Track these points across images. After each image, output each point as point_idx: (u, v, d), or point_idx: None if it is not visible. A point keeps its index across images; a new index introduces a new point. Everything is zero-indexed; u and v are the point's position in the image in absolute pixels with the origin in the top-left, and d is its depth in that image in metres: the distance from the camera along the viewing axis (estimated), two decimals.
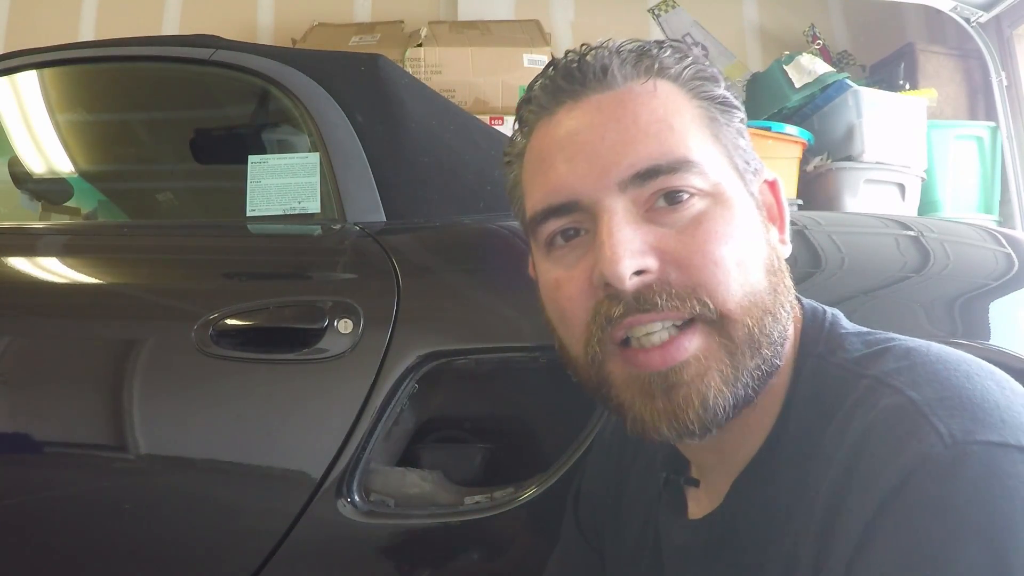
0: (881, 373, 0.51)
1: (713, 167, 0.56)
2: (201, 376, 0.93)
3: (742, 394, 0.53)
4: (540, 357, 0.92)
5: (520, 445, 0.99)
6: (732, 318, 0.53)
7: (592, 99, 0.58)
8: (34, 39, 1.51)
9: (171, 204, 1.43)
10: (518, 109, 0.65)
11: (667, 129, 0.56)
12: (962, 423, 0.45)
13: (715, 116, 0.59)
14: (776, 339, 0.55)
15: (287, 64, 1.25)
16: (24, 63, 1.36)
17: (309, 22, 3.00)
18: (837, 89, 2.59)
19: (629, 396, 0.55)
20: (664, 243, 0.54)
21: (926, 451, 0.44)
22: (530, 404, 1.01)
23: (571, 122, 0.58)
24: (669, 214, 0.55)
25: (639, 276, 0.53)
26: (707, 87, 0.60)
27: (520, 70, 2.56)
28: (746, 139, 0.61)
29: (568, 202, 0.57)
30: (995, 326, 0.95)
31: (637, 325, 0.53)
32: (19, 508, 0.93)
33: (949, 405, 0.46)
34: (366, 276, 1.01)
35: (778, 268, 0.57)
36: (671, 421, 0.53)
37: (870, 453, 0.47)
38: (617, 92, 0.58)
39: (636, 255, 0.53)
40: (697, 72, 0.60)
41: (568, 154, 0.57)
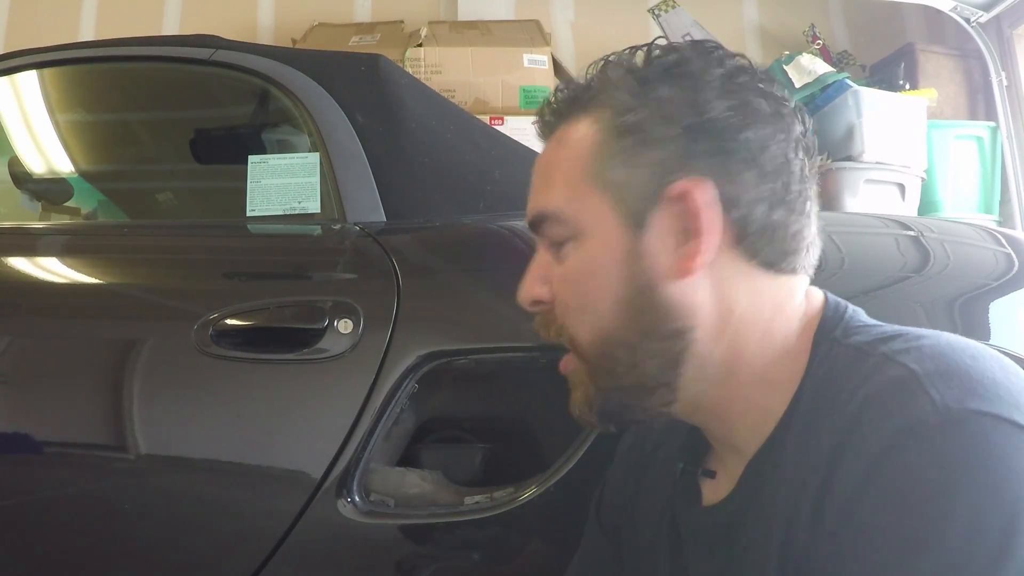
0: (890, 351, 0.53)
1: (577, 210, 0.60)
2: (201, 376, 0.93)
3: (611, 408, 0.62)
4: (540, 357, 0.92)
5: (520, 445, 0.99)
6: (584, 350, 0.61)
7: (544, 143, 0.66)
8: (34, 39, 1.51)
9: (171, 204, 1.43)
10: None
11: (549, 181, 0.63)
12: (957, 393, 0.47)
13: (605, 150, 0.59)
14: (637, 363, 0.59)
15: (287, 64, 1.25)
16: (24, 63, 1.36)
17: (309, 22, 3.00)
18: (837, 89, 2.59)
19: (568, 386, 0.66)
20: (555, 278, 0.62)
21: (918, 415, 0.47)
22: (530, 404, 1.01)
23: None
24: (558, 251, 0.62)
25: (536, 306, 0.64)
26: (619, 116, 0.59)
27: (520, 70, 2.56)
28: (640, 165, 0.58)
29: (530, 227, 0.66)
30: (995, 326, 0.95)
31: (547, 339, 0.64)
32: (19, 508, 0.93)
33: (947, 376, 0.49)
34: (366, 276, 1.01)
35: (642, 304, 0.58)
36: (575, 410, 0.64)
37: (868, 419, 0.49)
38: (547, 140, 0.65)
39: (532, 287, 0.64)
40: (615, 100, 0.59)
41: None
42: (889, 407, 0.48)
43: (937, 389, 0.48)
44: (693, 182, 0.57)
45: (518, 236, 1.03)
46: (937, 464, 0.45)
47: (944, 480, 0.45)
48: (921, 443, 0.46)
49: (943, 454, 0.45)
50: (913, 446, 0.46)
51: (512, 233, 1.05)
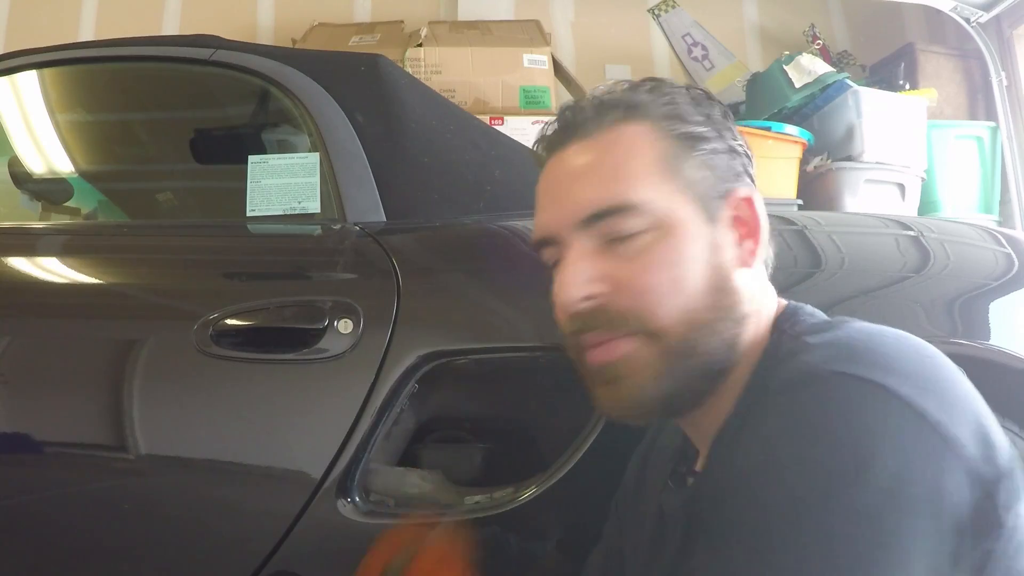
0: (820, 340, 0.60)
1: (661, 202, 0.64)
2: (201, 376, 0.93)
3: (678, 389, 0.63)
4: (540, 357, 0.92)
5: (520, 445, 0.99)
6: (665, 332, 0.62)
7: (571, 147, 0.68)
8: (34, 39, 1.51)
9: (171, 204, 1.43)
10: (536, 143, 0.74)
11: (613, 175, 0.65)
12: (840, 360, 0.55)
13: (677, 152, 0.66)
14: (715, 347, 0.64)
15: (287, 64, 1.25)
16: (24, 63, 1.36)
17: (309, 22, 3.00)
18: (837, 89, 2.59)
19: (590, 384, 0.67)
20: (616, 272, 0.64)
21: (799, 369, 0.56)
22: (530, 404, 1.01)
23: (556, 168, 0.69)
24: (619, 246, 0.64)
25: (588, 301, 0.64)
26: (675, 125, 0.67)
27: (520, 70, 2.56)
28: (713, 167, 0.67)
29: (545, 237, 0.69)
30: (995, 326, 0.95)
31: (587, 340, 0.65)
32: (19, 508, 0.93)
33: (842, 349, 0.56)
34: (366, 276, 1.01)
35: (721, 287, 0.65)
36: (615, 404, 0.65)
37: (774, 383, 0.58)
38: (590, 140, 0.67)
39: (583, 285, 0.64)
40: (669, 112, 0.68)
41: (548, 197, 0.69)
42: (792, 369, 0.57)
43: (824, 357, 0.55)
44: (751, 189, 0.69)
45: (518, 236, 1.03)
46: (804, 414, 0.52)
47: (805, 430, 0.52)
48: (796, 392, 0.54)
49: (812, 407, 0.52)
50: (790, 394, 0.55)
51: (512, 233, 1.05)
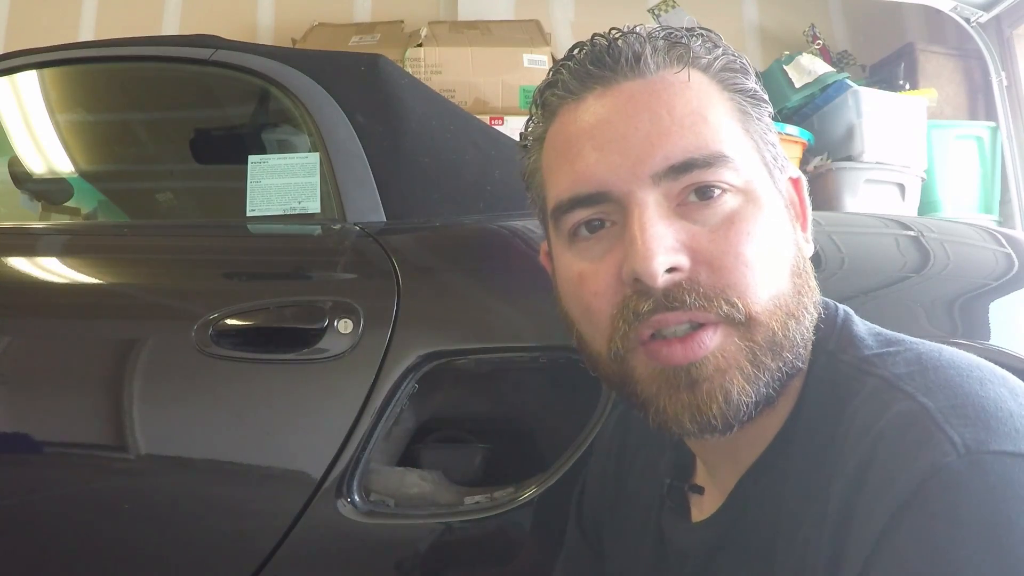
0: (892, 376, 0.50)
1: (745, 162, 0.55)
2: (201, 376, 0.93)
3: (764, 393, 0.53)
4: (540, 357, 0.92)
5: (520, 445, 0.99)
6: (758, 320, 0.52)
7: (624, 87, 0.56)
8: (34, 39, 1.51)
9: (171, 204, 1.43)
10: (539, 92, 0.62)
11: (702, 121, 0.54)
12: (975, 432, 0.44)
13: (746, 109, 0.58)
14: (798, 342, 0.54)
15: (287, 64, 1.25)
16: (24, 63, 1.36)
17: (309, 22, 3.00)
18: (837, 89, 2.59)
19: (654, 390, 0.54)
20: (696, 241, 0.53)
21: (939, 460, 0.43)
22: (530, 404, 1.01)
23: (601, 109, 0.56)
24: (700, 210, 0.53)
25: (670, 274, 0.52)
26: (738, 79, 0.58)
27: (520, 70, 2.56)
28: (774, 134, 0.60)
29: (597, 192, 0.55)
30: (995, 326, 0.95)
31: (664, 324, 0.52)
32: (19, 508, 0.93)
33: (962, 413, 0.45)
34: (366, 276, 1.01)
35: (803, 270, 0.56)
36: (694, 415, 0.52)
37: (882, 461, 0.46)
38: (650, 81, 0.56)
39: (669, 252, 0.52)
40: (727, 63, 0.58)
41: (598, 143, 0.55)
42: (904, 451, 0.45)
43: (954, 428, 0.44)
44: (798, 171, 0.60)
45: (518, 236, 1.03)
46: (965, 514, 0.42)
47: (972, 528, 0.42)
48: (945, 491, 0.43)
49: (969, 502, 0.42)
50: (939, 495, 0.43)
51: (512, 233, 1.05)
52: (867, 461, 0.47)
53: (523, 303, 0.95)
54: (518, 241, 1.03)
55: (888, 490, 0.45)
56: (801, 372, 0.56)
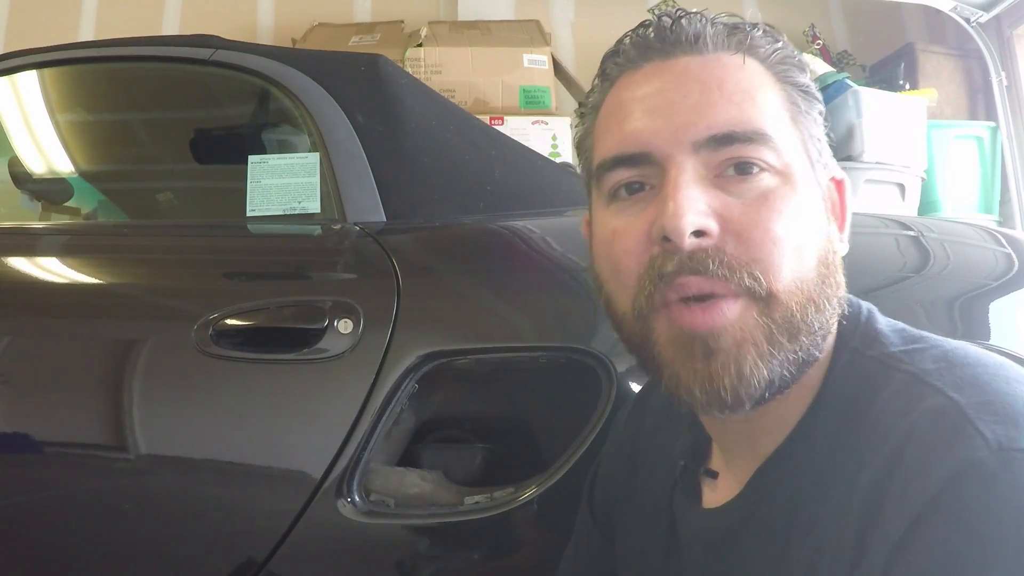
0: (920, 371, 0.51)
1: (787, 147, 0.56)
2: (201, 376, 0.93)
3: (777, 372, 0.53)
4: (540, 357, 0.92)
5: (520, 445, 0.99)
6: (777, 299, 0.53)
7: (681, 60, 0.58)
8: (34, 39, 1.51)
9: (171, 204, 1.43)
10: (603, 61, 0.64)
11: (749, 100, 0.56)
12: (1006, 429, 0.45)
13: (796, 102, 0.59)
14: (816, 330, 0.54)
15: (287, 64, 1.25)
16: (24, 63, 1.36)
17: (309, 22, 3.00)
18: (837, 89, 2.59)
19: (670, 354, 0.55)
20: (728, 211, 0.54)
21: (972, 455, 0.44)
22: (530, 404, 1.01)
23: (656, 79, 0.58)
24: (737, 184, 0.55)
25: (697, 237, 0.53)
26: (792, 73, 0.60)
27: (520, 70, 2.56)
28: (821, 132, 0.61)
29: (640, 153, 0.56)
30: (995, 326, 0.95)
31: (687, 287, 0.53)
32: (18, 508, 0.93)
33: (992, 409, 0.46)
34: (366, 276, 1.01)
35: (831, 262, 0.57)
36: (705, 385, 0.53)
37: (913, 454, 0.47)
38: (706, 58, 0.58)
39: (699, 214, 0.53)
40: (784, 57, 0.60)
41: (648, 107, 0.57)
42: (937, 444, 0.46)
43: (986, 424, 0.45)
44: (843, 173, 0.62)
45: (518, 236, 1.03)
46: (998, 509, 0.43)
47: (1004, 524, 0.43)
48: (978, 487, 0.44)
49: (1002, 497, 0.43)
50: (970, 490, 0.44)
51: (512, 233, 1.05)
52: (898, 454, 0.47)
53: (523, 303, 0.95)
54: (518, 241, 1.03)
55: (921, 482, 0.45)
56: (820, 364, 0.57)
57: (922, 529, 0.44)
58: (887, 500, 0.47)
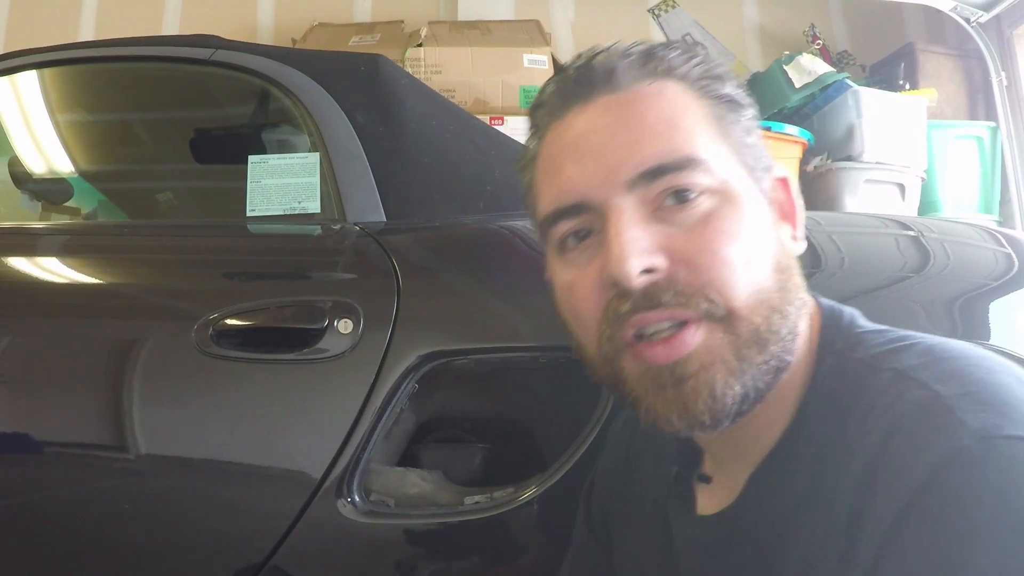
0: (903, 367, 0.52)
1: (720, 164, 0.57)
2: (201, 376, 0.93)
3: (751, 385, 0.54)
4: (540, 357, 0.92)
5: (520, 445, 0.99)
6: (739, 315, 0.53)
7: (600, 101, 0.59)
8: (34, 39, 1.51)
9: (171, 204, 1.43)
10: (530, 114, 0.65)
11: (673, 128, 0.56)
12: (989, 418, 0.46)
13: (723, 114, 0.59)
14: (784, 336, 0.55)
15: (287, 64, 1.25)
16: (24, 63, 1.36)
17: (309, 22, 3.00)
18: (837, 89, 2.59)
19: (642, 389, 0.56)
20: (673, 242, 0.54)
21: (956, 444, 0.45)
22: (530, 404, 1.01)
23: (580, 124, 0.59)
24: (677, 212, 0.55)
25: (647, 275, 0.53)
26: (714, 86, 0.60)
27: (520, 70, 2.56)
28: (755, 137, 0.61)
29: (577, 203, 0.57)
30: (995, 326, 0.95)
31: (644, 323, 0.54)
32: (18, 508, 0.93)
33: (975, 400, 0.47)
34: (366, 276, 1.01)
35: (787, 266, 0.58)
36: (681, 412, 0.54)
37: (898, 447, 0.48)
38: (624, 94, 0.58)
39: (644, 254, 0.53)
40: (705, 71, 0.60)
41: (577, 156, 0.58)
42: (921, 436, 0.47)
43: (968, 414, 0.46)
44: (785, 170, 0.62)
45: (518, 236, 1.03)
46: (984, 496, 0.44)
47: (989, 510, 0.43)
48: (964, 474, 0.44)
49: (987, 483, 0.44)
50: (956, 477, 0.44)
51: (512, 233, 1.05)
52: (883, 447, 0.48)
53: (523, 303, 0.95)
54: (518, 241, 1.03)
55: (907, 473, 0.46)
56: (803, 369, 0.57)
57: (911, 517, 0.45)
58: (875, 490, 0.48)
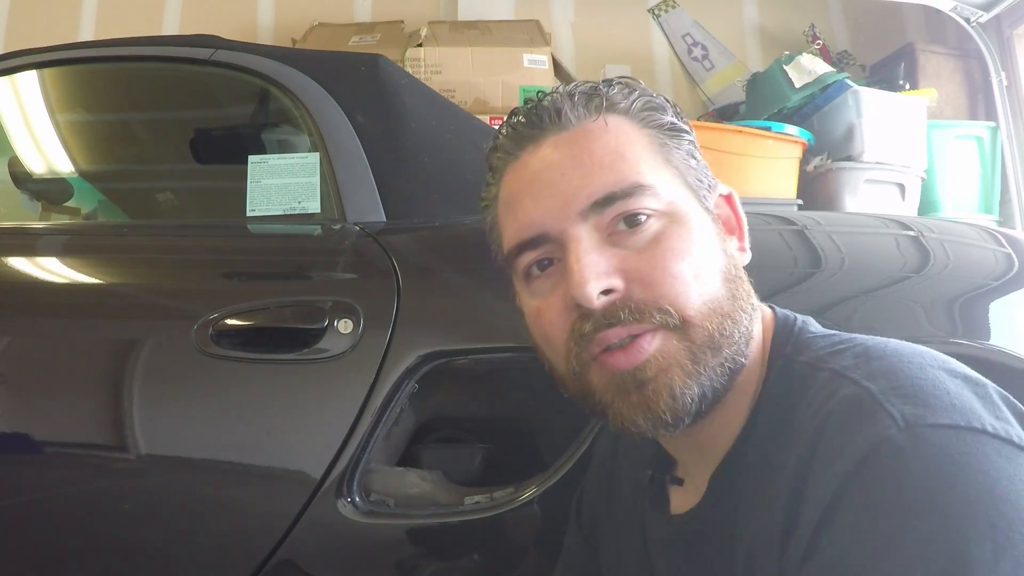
0: (840, 367, 0.55)
1: (666, 188, 0.62)
2: (201, 376, 0.93)
3: (708, 386, 0.58)
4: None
5: (520, 445, 0.99)
6: (693, 323, 0.58)
7: (550, 140, 0.64)
8: (34, 39, 1.51)
9: (171, 204, 1.43)
10: (487, 158, 0.70)
11: (620, 159, 0.62)
12: (914, 408, 0.49)
13: (664, 141, 0.65)
14: (737, 339, 0.60)
15: (287, 64, 1.25)
16: (24, 63, 1.36)
17: (309, 22, 3.00)
18: (837, 89, 2.59)
19: (609, 396, 0.60)
20: (627, 264, 0.59)
21: (881, 433, 0.48)
22: (530, 404, 1.01)
23: (534, 163, 0.64)
24: (629, 236, 0.60)
25: (606, 295, 0.58)
26: (655, 116, 0.65)
27: (520, 70, 2.56)
28: (697, 159, 0.66)
29: (537, 235, 0.62)
30: (995, 326, 0.95)
31: (606, 340, 0.58)
32: (19, 508, 0.93)
33: (902, 393, 0.50)
34: (366, 276, 1.01)
35: (735, 276, 0.62)
36: (645, 413, 0.58)
37: (828, 438, 0.51)
38: (572, 131, 0.63)
39: (602, 277, 0.58)
40: (645, 104, 0.65)
41: (533, 192, 0.63)
42: (849, 427, 0.50)
43: (894, 406, 0.49)
44: (729, 187, 0.67)
45: None
46: (908, 481, 0.46)
47: (915, 494, 0.46)
48: (889, 461, 0.47)
49: (910, 470, 0.46)
50: (881, 464, 0.47)
51: None
52: (816, 439, 0.52)
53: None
54: None
55: (835, 462, 0.49)
56: (757, 373, 0.62)
57: (840, 505, 0.48)
58: (808, 481, 0.51)
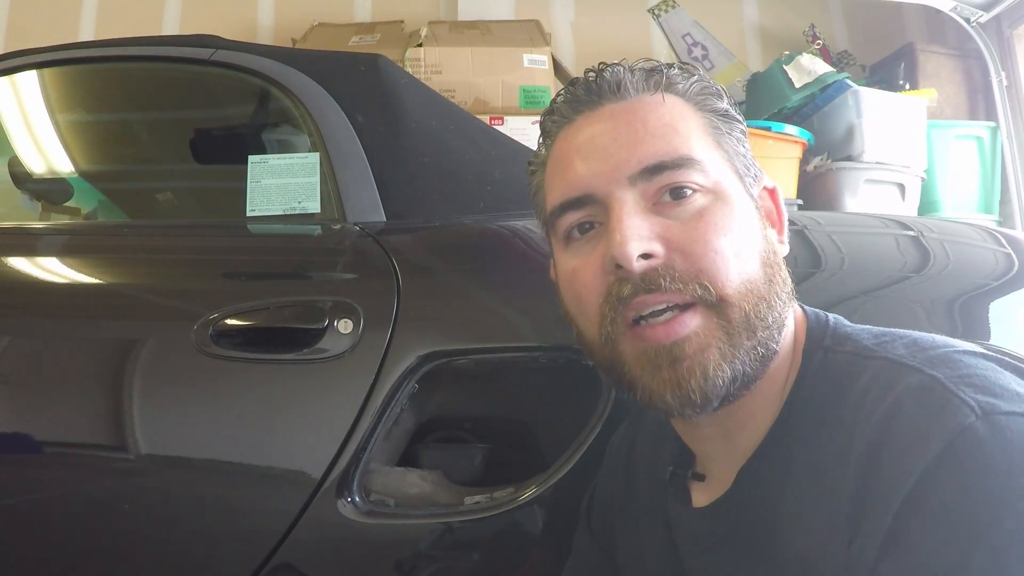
0: (895, 356, 0.55)
1: (714, 167, 0.62)
2: (201, 376, 0.93)
3: (740, 370, 0.58)
4: (540, 357, 0.92)
5: (520, 445, 0.99)
6: (730, 302, 0.58)
7: (607, 108, 0.65)
8: (34, 39, 1.51)
9: (171, 204, 1.43)
10: (541, 121, 0.71)
11: (672, 132, 0.62)
12: (986, 397, 0.49)
13: (717, 125, 0.65)
14: (771, 323, 0.59)
15: (287, 64, 1.25)
16: (24, 63, 1.36)
17: (309, 22, 3.00)
18: (837, 89, 2.59)
19: (639, 370, 0.60)
20: (669, 232, 0.59)
21: (964, 422, 0.48)
22: (530, 404, 1.01)
23: (588, 128, 0.65)
24: (674, 207, 0.60)
25: (646, 260, 0.58)
26: (711, 101, 0.66)
27: (520, 70, 2.56)
28: (746, 148, 0.67)
29: (583, 195, 0.63)
30: (995, 326, 0.95)
31: (644, 306, 0.58)
32: (18, 508, 0.93)
33: (969, 382, 0.51)
34: (366, 276, 1.01)
35: (774, 262, 0.62)
36: (675, 390, 0.58)
37: (902, 428, 0.50)
38: (629, 102, 0.64)
39: (643, 240, 0.58)
40: (702, 88, 0.66)
41: (584, 154, 0.64)
42: (926, 416, 0.50)
43: (968, 395, 0.49)
44: (773, 181, 0.68)
45: (518, 236, 1.03)
46: (995, 468, 0.47)
47: (1003, 479, 0.46)
48: (974, 449, 0.47)
49: (997, 456, 0.47)
50: (967, 452, 0.47)
51: (512, 233, 1.05)
52: (887, 426, 0.51)
53: (523, 303, 0.95)
54: (518, 241, 1.03)
55: (914, 451, 0.49)
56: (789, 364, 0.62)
57: (927, 492, 0.48)
58: (881, 469, 0.50)
